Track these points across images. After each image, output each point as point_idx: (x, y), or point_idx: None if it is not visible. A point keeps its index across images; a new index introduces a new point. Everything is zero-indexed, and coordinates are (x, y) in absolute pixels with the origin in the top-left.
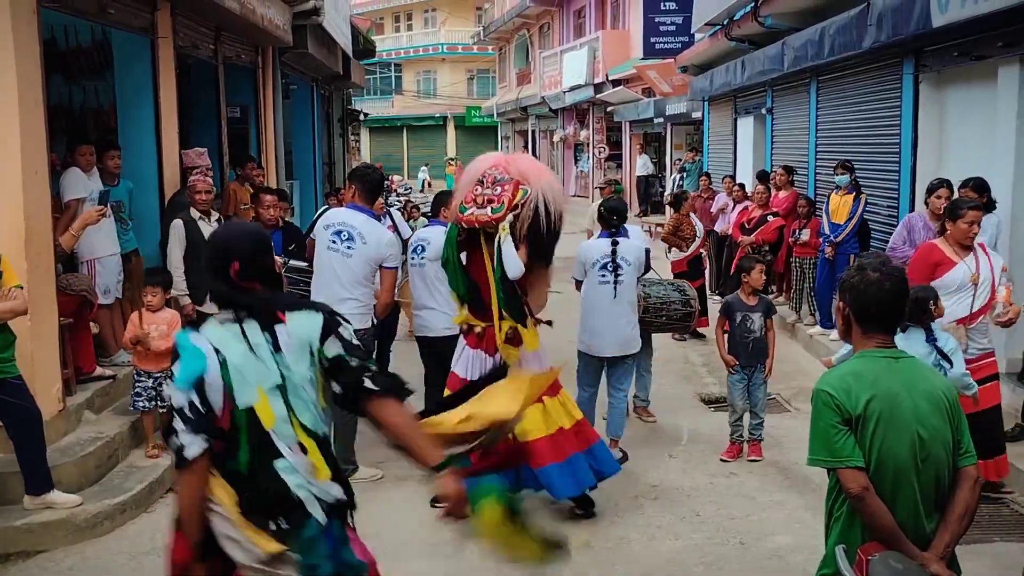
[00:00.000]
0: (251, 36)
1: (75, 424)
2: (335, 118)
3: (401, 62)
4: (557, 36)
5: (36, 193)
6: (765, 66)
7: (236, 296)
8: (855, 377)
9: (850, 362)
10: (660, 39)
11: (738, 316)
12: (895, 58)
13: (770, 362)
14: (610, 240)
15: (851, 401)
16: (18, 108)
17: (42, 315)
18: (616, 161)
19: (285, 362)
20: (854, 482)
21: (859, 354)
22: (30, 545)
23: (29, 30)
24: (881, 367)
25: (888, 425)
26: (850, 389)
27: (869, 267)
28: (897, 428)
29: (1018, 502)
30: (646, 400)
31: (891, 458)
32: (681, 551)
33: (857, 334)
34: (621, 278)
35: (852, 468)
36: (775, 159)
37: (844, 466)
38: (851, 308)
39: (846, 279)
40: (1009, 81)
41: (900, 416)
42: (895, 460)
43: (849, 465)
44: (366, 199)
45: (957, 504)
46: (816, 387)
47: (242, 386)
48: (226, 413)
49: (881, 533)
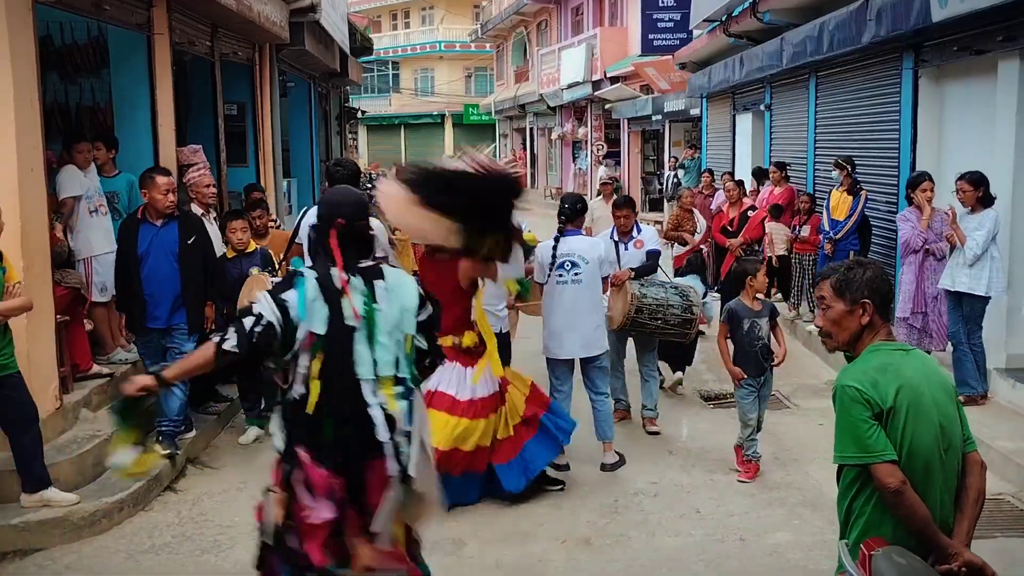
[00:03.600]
0: (248, 33)
1: (72, 422)
2: (332, 116)
3: (399, 60)
4: (555, 33)
5: (32, 191)
6: (764, 62)
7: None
8: (879, 370)
9: (867, 356)
10: (658, 36)
11: (746, 323)
12: (894, 53)
13: (783, 351)
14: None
15: (880, 394)
16: (13, 105)
17: (39, 313)
18: (615, 158)
19: (380, 312)
20: (891, 476)
21: (873, 347)
22: (27, 543)
23: (24, 27)
24: (898, 359)
25: (916, 416)
26: (876, 382)
27: (861, 263)
28: (923, 419)
29: (1019, 498)
30: (653, 410)
31: (921, 449)
32: (681, 548)
33: (871, 329)
34: (580, 277)
35: (887, 462)
36: (774, 155)
37: (880, 460)
38: (873, 302)
39: (851, 279)
40: (1009, 76)
41: (925, 407)
42: (924, 451)
43: (885, 459)
44: None
45: (971, 490)
46: (840, 383)
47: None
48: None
49: (918, 525)
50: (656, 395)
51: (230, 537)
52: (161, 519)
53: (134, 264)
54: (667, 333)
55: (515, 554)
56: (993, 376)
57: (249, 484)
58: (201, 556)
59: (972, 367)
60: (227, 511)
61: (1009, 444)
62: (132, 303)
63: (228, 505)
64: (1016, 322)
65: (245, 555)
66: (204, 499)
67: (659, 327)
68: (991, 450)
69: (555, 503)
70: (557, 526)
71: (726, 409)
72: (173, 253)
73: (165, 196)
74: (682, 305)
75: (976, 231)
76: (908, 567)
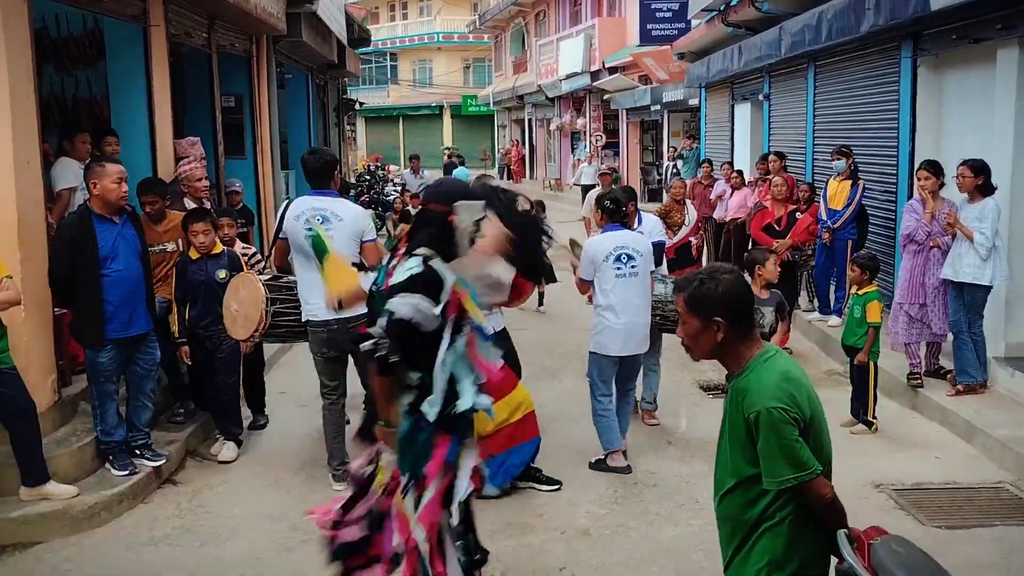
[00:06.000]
0: (245, 24)
1: (71, 415)
2: (330, 107)
3: (397, 51)
4: (553, 24)
5: (28, 183)
6: (762, 52)
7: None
8: (786, 381)
9: (764, 369)
10: (656, 26)
11: None
12: (893, 42)
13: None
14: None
15: (800, 408)
16: (9, 98)
17: (36, 306)
18: (613, 149)
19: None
20: (826, 486)
21: (762, 356)
22: (27, 536)
23: (20, 18)
24: (785, 362)
25: (820, 418)
26: (792, 396)
27: (715, 274)
28: (822, 418)
29: (1017, 487)
30: (652, 403)
31: (826, 447)
32: (680, 538)
33: (741, 340)
34: (636, 269)
35: (820, 473)
36: (773, 145)
37: (815, 475)
38: (728, 319)
39: (703, 295)
40: (1007, 64)
41: (819, 406)
42: (828, 449)
43: (817, 472)
44: (319, 183)
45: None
46: (763, 406)
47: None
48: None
49: (838, 525)
50: (656, 388)
51: (230, 529)
52: (160, 511)
53: (95, 267)
54: (666, 329)
55: (514, 544)
56: (992, 365)
57: (248, 476)
58: (201, 548)
59: (972, 356)
60: (227, 503)
61: (1008, 432)
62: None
63: (228, 497)
64: (1015, 311)
65: (245, 546)
66: (204, 491)
67: (658, 323)
68: (990, 438)
69: (554, 494)
70: (556, 517)
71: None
72: (137, 252)
73: (118, 186)
74: None
75: (978, 222)
76: (907, 555)
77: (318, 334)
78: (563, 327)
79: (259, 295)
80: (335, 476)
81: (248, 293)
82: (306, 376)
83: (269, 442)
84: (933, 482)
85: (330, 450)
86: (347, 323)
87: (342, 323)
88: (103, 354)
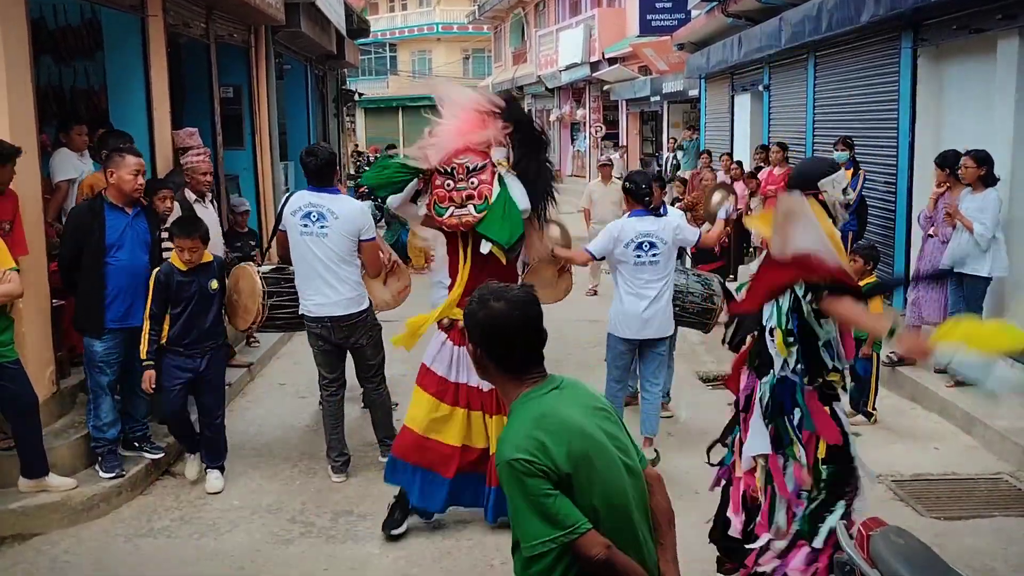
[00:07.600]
0: (243, 15)
1: (69, 406)
2: (329, 98)
3: (396, 42)
4: (553, 15)
5: (26, 174)
6: (762, 42)
7: None
8: (539, 427)
9: (518, 414)
10: (656, 16)
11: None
12: (893, 32)
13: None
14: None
15: (552, 457)
16: (6, 88)
17: (34, 297)
18: (613, 140)
19: None
20: (596, 545)
21: (519, 400)
22: (26, 528)
23: (17, 9)
24: (552, 402)
25: (599, 463)
26: (543, 444)
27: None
28: (605, 461)
29: (1016, 477)
30: (665, 395)
31: (615, 496)
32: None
33: (507, 378)
34: (657, 258)
35: (586, 531)
36: (773, 136)
37: (578, 533)
38: (486, 348)
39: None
40: (1008, 54)
41: (600, 446)
42: (619, 497)
43: (582, 530)
44: (319, 182)
45: (659, 513)
46: (503, 459)
47: None
48: None
49: None
50: (670, 381)
51: (229, 520)
52: (159, 503)
53: (99, 255)
54: (684, 320)
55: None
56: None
57: (247, 468)
58: (200, 539)
59: None
60: (225, 494)
61: (1006, 423)
62: (92, 301)
63: (226, 489)
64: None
65: (244, 538)
66: (202, 483)
67: (677, 314)
68: (989, 429)
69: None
70: None
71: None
72: (146, 244)
73: (135, 178)
74: (702, 294)
75: (979, 212)
76: (906, 547)
77: (313, 329)
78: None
79: (256, 288)
80: (334, 468)
81: (246, 284)
82: (305, 368)
83: (268, 434)
84: (932, 473)
85: (329, 442)
86: (340, 321)
87: (335, 320)
88: (101, 343)
